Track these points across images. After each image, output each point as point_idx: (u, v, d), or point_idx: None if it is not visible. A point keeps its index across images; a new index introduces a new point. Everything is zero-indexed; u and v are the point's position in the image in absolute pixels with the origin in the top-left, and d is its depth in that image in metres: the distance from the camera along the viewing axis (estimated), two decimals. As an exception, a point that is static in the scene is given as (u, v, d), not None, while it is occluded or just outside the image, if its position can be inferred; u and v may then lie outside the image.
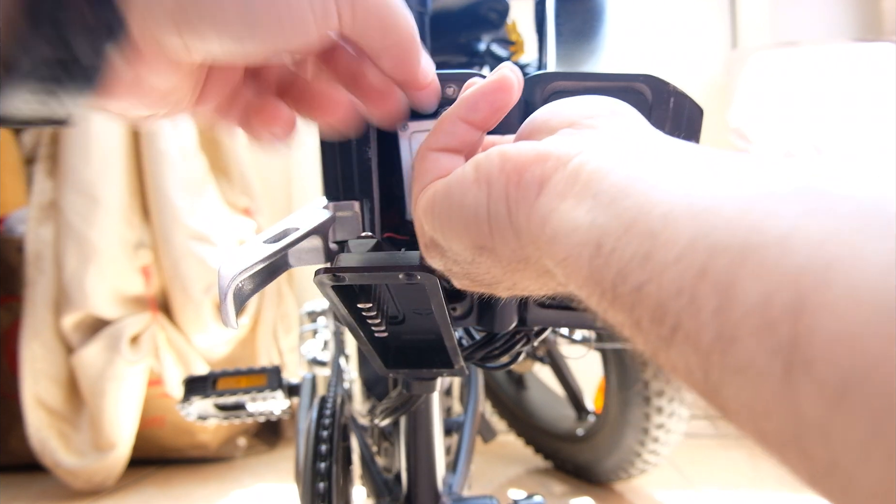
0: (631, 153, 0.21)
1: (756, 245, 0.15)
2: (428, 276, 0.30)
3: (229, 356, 1.55)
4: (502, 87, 0.27)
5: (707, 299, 0.16)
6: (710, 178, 0.18)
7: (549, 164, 0.23)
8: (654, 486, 1.30)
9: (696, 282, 0.16)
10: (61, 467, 1.36)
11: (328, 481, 0.56)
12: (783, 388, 0.14)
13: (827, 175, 0.16)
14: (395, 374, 0.40)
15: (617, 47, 0.39)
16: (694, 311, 0.16)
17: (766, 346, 0.14)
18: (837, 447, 0.13)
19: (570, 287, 0.22)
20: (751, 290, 0.15)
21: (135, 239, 1.45)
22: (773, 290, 0.14)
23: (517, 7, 0.69)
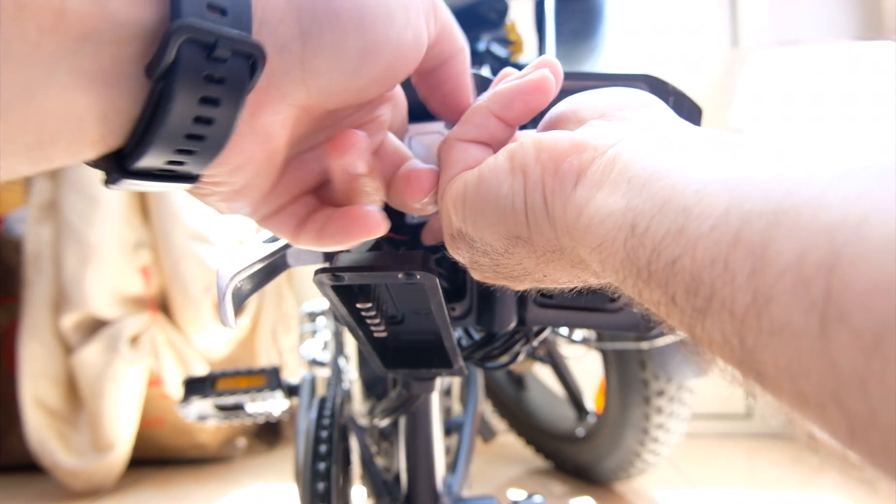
0: (664, 140, 0.21)
1: (789, 207, 0.15)
2: (428, 276, 0.30)
3: (229, 356, 1.55)
4: (540, 87, 0.26)
5: (741, 264, 0.16)
6: (743, 155, 0.18)
7: (586, 154, 0.23)
8: (654, 486, 1.30)
9: (729, 249, 0.16)
10: (60, 468, 1.36)
11: (328, 481, 0.56)
12: (820, 344, 0.14)
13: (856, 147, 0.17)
14: (395, 374, 0.40)
15: (616, 47, 0.39)
16: (729, 278, 0.16)
17: (802, 303, 0.14)
18: (876, 397, 0.13)
19: (605, 274, 0.22)
20: (785, 250, 0.15)
21: (134, 239, 1.45)
22: (807, 247, 0.14)
23: (516, 7, 0.69)
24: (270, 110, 0.23)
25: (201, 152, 0.21)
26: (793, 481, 1.29)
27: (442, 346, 0.38)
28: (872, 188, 0.14)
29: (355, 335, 0.36)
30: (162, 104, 0.19)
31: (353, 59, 0.23)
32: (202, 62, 0.19)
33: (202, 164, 0.22)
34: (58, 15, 0.17)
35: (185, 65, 0.19)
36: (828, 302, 0.14)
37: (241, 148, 0.23)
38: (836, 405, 0.14)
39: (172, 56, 0.19)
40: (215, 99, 0.20)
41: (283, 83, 0.23)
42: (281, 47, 0.22)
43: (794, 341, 0.14)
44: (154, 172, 0.22)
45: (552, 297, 0.39)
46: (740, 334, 0.16)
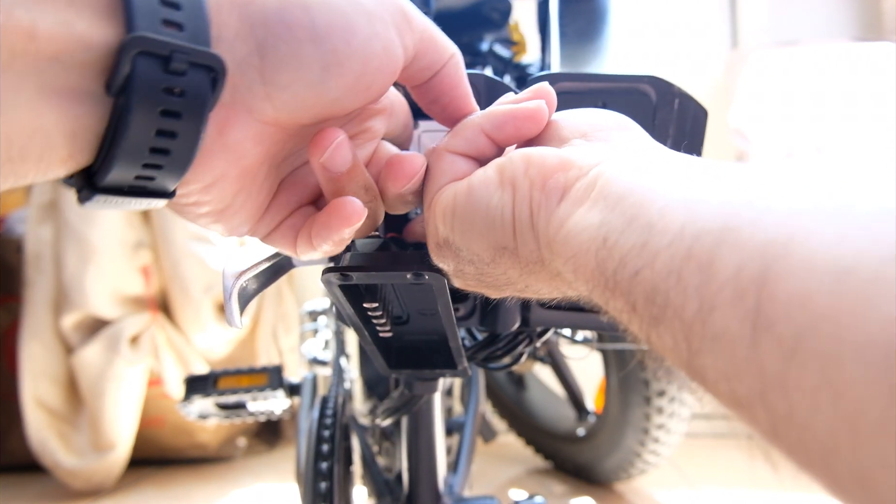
0: (639, 161, 0.23)
1: (734, 226, 0.17)
2: (436, 276, 0.30)
3: (229, 356, 1.55)
4: (533, 117, 0.27)
5: (692, 276, 0.18)
6: (705, 178, 0.20)
7: (571, 172, 0.24)
8: (654, 486, 1.30)
9: (683, 263, 0.18)
10: (61, 468, 1.36)
11: (329, 481, 0.56)
12: (751, 349, 0.15)
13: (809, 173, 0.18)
14: (398, 375, 0.40)
15: (620, 48, 0.39)
16: (681, 289, 0.18)
17: (738, 312, 0.16)
18: (793, 396, 0.14)
19: (577, 284, 0.23)
20: (727, 264, 0.17)
21: (134, 239, 1.45)
22: (744, 262, 0.16)
23: (519, 7, 0.69)
24: (238, 126, 0.23)
25: (169, 167, 0.22)
26: (792, 482, 1.28)
27: (446, 347, 0.38)
28: (803, 209, 0.16)
29: (360, 335, 0.36)
30: (122, 118, 0.20)
31: (315, 72, 0.23)
32: (159, 75, 0.20)
33: (172, 178, 0.22)
34: (29, 37, 0.18)
35: (141, 77, 0.20)
36: (758, 311, 0.15)
37: (211, 164, 0.23)
38: (762, 405, 0.15)
39: (127, 69, 0.19)
40: (176, 112, 0.21)
41: (247, 98, 0.23)
42: (240, 62, 0.22)
43: (731, 346, 0.16)
44: (125, 189, 0.22)
45: (556, 298, 0.39)
46: (688, 339, 0.18)
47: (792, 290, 0.15)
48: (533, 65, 0.68)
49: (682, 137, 0.33)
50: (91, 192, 0.21)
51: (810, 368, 0.14)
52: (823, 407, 0.14)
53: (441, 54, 0.28)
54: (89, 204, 0.22)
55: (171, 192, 0.23)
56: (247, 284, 0.33)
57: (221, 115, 0.23)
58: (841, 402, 0.13)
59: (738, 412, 0.17)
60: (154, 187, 0.22)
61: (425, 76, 0.28)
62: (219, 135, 0.23)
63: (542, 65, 0.53)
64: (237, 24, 0.22)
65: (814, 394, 0.14)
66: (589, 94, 0.32)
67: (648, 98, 0.32)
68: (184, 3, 0.20)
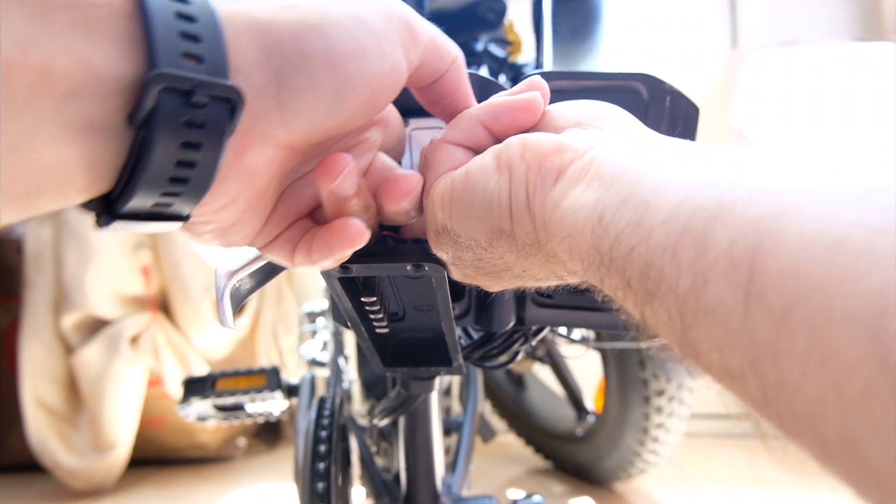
0: (634, 144, 0.24)
1: (727, 202, 0.17)
2: (435, 268, 0.30)
3: (229, 356, 1.55)
4: (529, 107, 0.28)
5: (686, 252, 0.18)
6: (699, 159, 0.21)
7: (566, 154, 0.25)
8: (654, 486, 1.30)
9: (678, 238, 0.18)
10: (61, 467, 1.36)
11: (327, 481, 0.56)
12: (743, 319, 0.16)
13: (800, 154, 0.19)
14: (394, 374, 0.40)
15: (614, 47, 0.39)
16: (675, 264, 0.18)
17: (731, 283, 0.16)
18: (784, 365, 0.15)
19: (572, 264, 0.24)
20: (720, 238, 0.17)
21: (134, 239, 1.45)
22: (737, 236, 0.17)
23: (514, 7, 0.69)
24: (254, 151, 0.24)
25: (186, 194, 0.22)
26: (792, 481, 1.28)
27: (441, 345, 0.38)
28: (795, 185, 0.17)
29: (357, 331, 0.36)
30: (144, 151, 0.20)
31: (330, 98, 0.24)
32: (181, 108, 0.20)
33: (189, 204, 0.23)
34: (44, 74, 0.18)
35: (164, 112, 0.20)
36: (750, 282, 0.16)
37: (227, 189, 0.24)
38: (753, 373, 0.16)
39: (151, 104, 0.19)
40: (197, 143, 0.21)
41: (263, 125, 0.23)
42: (257, 91, 0.22)
43: (724, 318, 0.17)
44: (143, 214, 0.22)
45: (550, 296, 0.39)
46: (682, 313, 0.18)
47: (783, 261, 0.15)
48: (528, 65, 0.68)
49: (674, 134, 0.33)
50: (110, 218, 0.22)
51: (800, 336, 0.14)
52: (812, 373, 0.14)
53: (444, 60, 0.28)
54: (106, 229, 0.22)
55: (186, 216, 0.24)
56: (240, 284, 0.33)
57: (237, 142, 0.23)
58: (829, 368, 0.14)
59: (730, 383, 0.17)
60: (171, 212, 0.23)
61: (428, 81, 0.29)
62: (235, 160, 0.23)
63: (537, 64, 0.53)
64: (255, 55, 0.22)
65: (803, 361, 0.14)
66: (581, 92, 0.32)
67: (640, 95, 0.32)
68: (203, 35, 0.21)
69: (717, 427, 1.63)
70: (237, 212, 0.25)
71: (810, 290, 0.14)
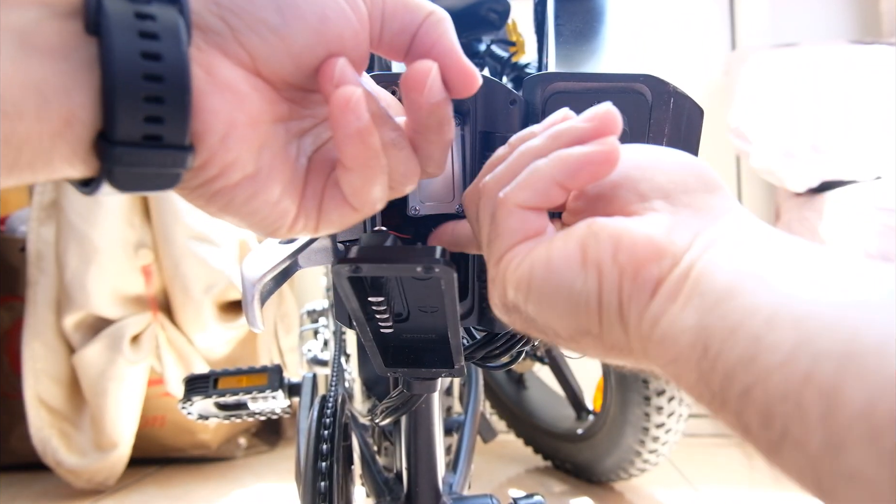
0: (735, 251, 0.22)
1: (856, 352, 0.16)
2: (446, 270, 0.30)
3: (229, 356, 1.56)
4: (610, 159, 0.25)
5: (813, 405, 0.16)
6: (810, 280, 0.19)
7: (665, 262, 0.23)
8: (653, 485, 1.30)
9: (801, 387, 0.17)
10: (63, 466, 1.37)
11: (329, 480, 0.56)
12: (893, 496, 0.14)
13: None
14: (394, 374, 0.40)
15: (617, 48, 0.39)
16: (800, 417, 0.17)
17: (874, 453, 0.15)
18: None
19: (678, 387, 0.23)
20: (856, 396, 0.15)
21: (135, 239, 1.45)
22: (876, 396, 0.15)
23: (517, 7, 0.69)
24: (223, 67, 0.24)
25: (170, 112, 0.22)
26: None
27: (443, 347, 0.38)
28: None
29: (361, 331, 0.36)
30: (107, 59, 0.20)
31: (272, 13, 0.24)
32: (126, 3, 0.21)
33: (179, 126, 0.22)
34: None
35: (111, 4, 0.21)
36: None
37: (213, 106, 0.23)
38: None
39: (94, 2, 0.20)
40: (154, 33, 0.21)
41: (219, 42, 0.23)
42: (200, 9, 0.23)
43: (869, 490, 0.15)
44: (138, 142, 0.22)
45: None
46: (816, 474, 0.17)
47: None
48: (531, 65, 0.68)
49: (678, 136, 0.33)
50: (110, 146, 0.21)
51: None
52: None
53: (414, 13, 0.26)
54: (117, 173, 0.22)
55: (187, 144, 0.23)
56: (263, 288, 0.34)
57: (203, 59, 0.23)
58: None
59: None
60: (169, 141, 0.22)
61: (404, 41, 0.27)
62: (208, 75, 0.23)
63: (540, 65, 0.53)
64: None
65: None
66: (585, 94, 0.32)
67: (644, 97, 0.32)
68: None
69: (717, 427, 1.63)
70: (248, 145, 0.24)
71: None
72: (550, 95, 0.33)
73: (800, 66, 1.40)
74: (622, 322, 0.23)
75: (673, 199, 0.24)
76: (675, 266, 0.22)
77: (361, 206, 0.27)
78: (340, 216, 0.27)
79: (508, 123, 0.33)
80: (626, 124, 0.32)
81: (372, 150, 0.25)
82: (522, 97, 0.33)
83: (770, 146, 1.42)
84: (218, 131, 0.23)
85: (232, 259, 1.48)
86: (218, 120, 0.23)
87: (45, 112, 0.20)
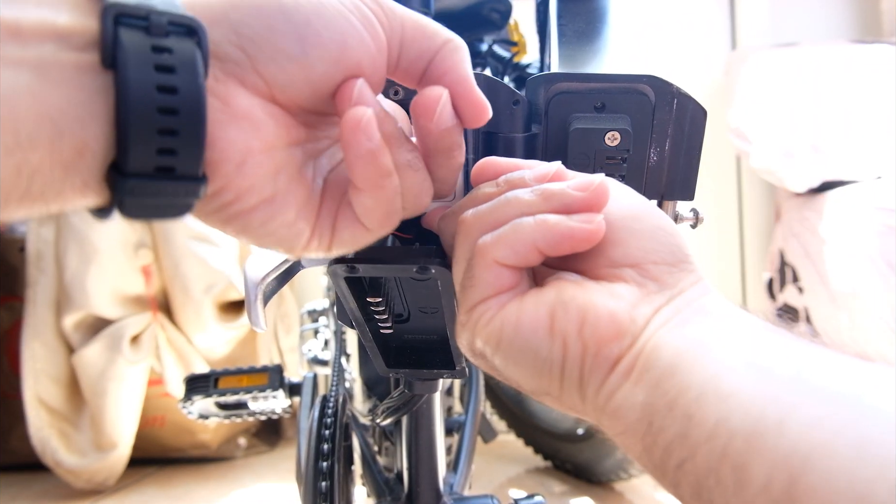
0: (683, 328, 0.23)
1: (761, 430, 0.18)
2: (442, 271, 0.30)
3: (229, 356, 1.56)
4: (591, 238, 0.26)
5: (728, 479, 0.18)
6: (743, 357, 0.21)
7: (625, 341, 0.24)
8: (653, 485, 1.30)
9: (719, 463, 0.19)
10: (62, 467, 1.37)
11: (330, 480, 0.56)
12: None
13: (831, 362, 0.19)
14: (395, 374, 0.40)
15: (619, 48, 0.39)
16: (721, 491, 0.19)
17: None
18: None
19: (628, 454, 0.25)
20: (757, 472, 0.17)
21: (135, 239, 1.45)
22: (773, 471, 0.17)
23: (519, 7, 0.69)
24: (239, 96, 0.24)
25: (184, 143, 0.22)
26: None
27: (444, 347, 0.38)
28: (826, 416, 0.17)
29: (361, 331, 0.36)
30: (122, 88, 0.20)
31: (292, 41, 0.24)
32: (144, 37, 0.21)
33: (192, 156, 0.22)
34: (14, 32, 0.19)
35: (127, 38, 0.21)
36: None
37: (229, 136, 0.23)
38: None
39: (111, 29, 0.20)
40: (170, 66, 0.21)
41: (237, 72, 0.23)
42: (219, 40, 0.23)
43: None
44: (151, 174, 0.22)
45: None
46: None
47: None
48: (532, 65, 0.68)
49: (681, 137, 0.33)
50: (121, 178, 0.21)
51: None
52: None
53: (432, 40, 0.27)
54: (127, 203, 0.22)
55: (200, 175, 0.23)
56: (266, 289, 0.34)
57: (220, 90, 0.23)
58: None
59: None
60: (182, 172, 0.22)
61: (420, 68, 0.27)
62: (224, 105, 0.23)
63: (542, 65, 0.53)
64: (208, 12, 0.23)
65: None
66: (588, 94, 0.32)
67: (647, 98, 0.32)
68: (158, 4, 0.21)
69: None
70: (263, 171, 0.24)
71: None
72: (553, 96, 0.33)
73: (800, 66, 1.40)
74: (580, 392, 0.25)
75: (642, 270, 0.26)
76: (633, 345, 0.24)
77: (373, 227, 0.27)
78: (353, 236, 0.27)
79: (511, 124, 0.33)
80: (629, 125, 0.32)
81: (383, 171, 0.25)
82: (525, 97, 0.33)
83: (770, 146, 1.42)
84: (234, 160, 0.23)
85: (232, 259, 1.48)
86: (234, 149, 0.23)
87: (59, 143, 0.20)
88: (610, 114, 0.32)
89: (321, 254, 0.28)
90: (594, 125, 0.32)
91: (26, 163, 0.19)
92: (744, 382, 0.19)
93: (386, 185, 0.25)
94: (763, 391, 0.19)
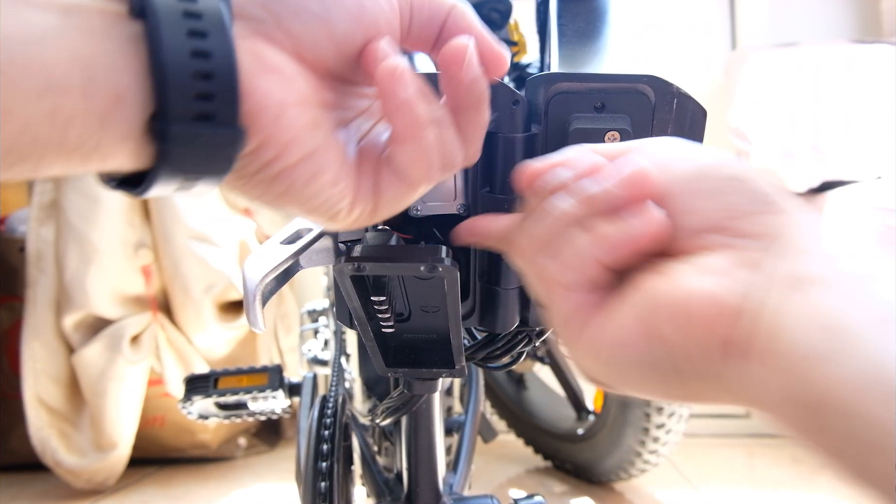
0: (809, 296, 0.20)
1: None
2: (449, 269, 0.30)
3: (229, 356, 1.56)
4: (652, 237, 0.24)
5: None
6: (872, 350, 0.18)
7: (725, 322, 0.22)
8: (654, 485, 1.30)
9: None
10: (62, 467, 1.37)
11: (329, 480, 0.56)
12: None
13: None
14: (394, 374, 0.40)
15: (620, 48, 0.39)
16: None
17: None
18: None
19: None
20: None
21: (135, 239, 1.45)
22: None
23: (519, 7, 0.69)
24: (269, 51, 0.24)
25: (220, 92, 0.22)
26: (792, 481, 1.29)
27: (444, 347, 0.38)
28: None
29: (363, 330, 0.36)
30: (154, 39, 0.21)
31: (314, 1, 0.25)
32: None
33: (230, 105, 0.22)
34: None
35: None
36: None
37: (263, 87, 0.23)
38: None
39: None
40: (198, 13, 0.21)
41: (262, 29, 0.24)
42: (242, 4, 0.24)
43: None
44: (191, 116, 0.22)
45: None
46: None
47: None
48: (532, 65, 0.68)
49: (681, 137, 0.33)
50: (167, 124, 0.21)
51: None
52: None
53: (440, 4, 0.28)
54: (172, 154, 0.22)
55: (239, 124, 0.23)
56: (265, 289, 0.34)
57: (248, 45, 0.23)
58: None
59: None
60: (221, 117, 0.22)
61: (432, 32, 0.28)
62: (255, 58, 0.23)
63: (542, 65, 0.53)
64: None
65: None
66: (587, 94, 0.32)
67: (647, 98, 0.32)
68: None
69: (717, 427, 1.63)
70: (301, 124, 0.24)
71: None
72: (553, 96, 0.33)
73: (800, 66, 1.40)
74: (702, 380, 0.23)
75: (725, 230, 0.23)
76: (737, 323, 0.21)
77: (416, 180, 0.27)
78: (397, 194, 0.28)
79: (511, 124, 0.33)
80: (629, 125, 0.32)
81: (421, 120, 0.25)
82: (525, 97, 0.33)
83: (770, 146, 1.42)
84: (271, 111, 0.23)
85: (232, 259, 1.48)
86: (270, 100, 0.23)
87: (92, 90, 0.20)
88: (610, 114, 0.32)
89: (366, 219, 0.28)
90: (594, 125, 0.32)
91: (59, 108, 0.19)
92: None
93: (425, 135, 0.26)
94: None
